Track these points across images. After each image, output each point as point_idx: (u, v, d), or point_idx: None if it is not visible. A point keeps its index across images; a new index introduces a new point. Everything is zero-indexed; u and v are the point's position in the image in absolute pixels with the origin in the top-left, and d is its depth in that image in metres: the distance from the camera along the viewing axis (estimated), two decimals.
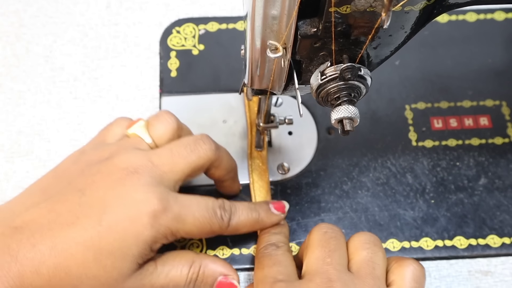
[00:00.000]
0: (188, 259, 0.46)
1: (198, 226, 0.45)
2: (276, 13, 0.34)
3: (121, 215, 0.42)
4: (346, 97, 0.36)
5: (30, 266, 0.40)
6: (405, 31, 0.35)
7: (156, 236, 0.43)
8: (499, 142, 0.57)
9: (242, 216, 0.48)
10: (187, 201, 0.45)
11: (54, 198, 0.43)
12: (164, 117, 0.48)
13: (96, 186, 0.43)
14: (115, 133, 0.49)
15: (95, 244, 0.41)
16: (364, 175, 0.55)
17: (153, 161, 0.45)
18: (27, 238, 0.41)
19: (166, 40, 0.61)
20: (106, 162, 0.45)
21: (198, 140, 0.47)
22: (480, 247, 0.52)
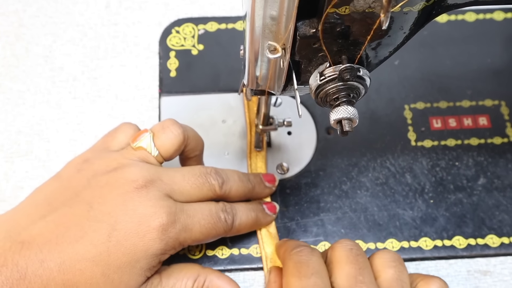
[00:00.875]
0: (193, 272, 0.47)
1: (204, 233, 0.45)
2: (275, 14, 0.34)
3: (130, 230, 0.42)
4: (345, 97, 0.36)
5: (38, 283, 0.40)
6: (404, 32, 0.35)
7: (165, 249, 0.43)
8: (498, 142, 0.57)
9: (243, 217, 0.49)
10: (191, 210, 0.45)
11: (61, 211, 0.43)
12: (171, 128, 0.47)
13: (104, 200, 0.43)
14: (120, 141, 0.48)
15: (103, 260, 0.41)
16: (363, 175, 0.55)
17: (163, 179, 0.45)
18: (35, 254, 0.41)
19: (165, 40, 0.61)
20: (114, 174, 0.44)
21: (207, 175, 0.47)
22: (479, 247, 0.52)
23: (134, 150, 0.46)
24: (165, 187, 0.44)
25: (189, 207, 0.45)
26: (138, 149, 0.46)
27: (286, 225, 0.53)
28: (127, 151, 0.47)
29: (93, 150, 0.48)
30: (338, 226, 0.53)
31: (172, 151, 0.47)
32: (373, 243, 0.52)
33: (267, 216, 0.51)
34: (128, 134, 0.48)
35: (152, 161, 0.46)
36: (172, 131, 0.47)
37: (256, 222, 0.50)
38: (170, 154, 0.47)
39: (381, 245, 0.52)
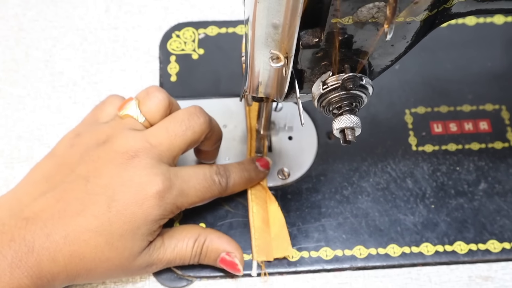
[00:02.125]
0: (194, 233, 0.49)
1: (200, 196, 0.47)
2: (278, 23, 0.34)
3: (128, 199, 0.44)
4: (348, 106, 0.36)
5: (46, 255, 0.42)
6: (406, 41, 0.35)
7: (163, 214, 0.45)
8: (499, 147, 0.57)
9: (236, 178, 0.51)
10: (186, 175, 0.47)
11: (60, 187, 0.45)
12: (155, 94, 0.48)
13: (99, 173, 0.45)
14: (108, 112, 0.50)
15: (106, 229, 0.43)
16: (364, 180, 0.55)
17: (151, 142, 0.46)
18: (40, 228, 0.43)
19: (165, 44, 0.61)
20: (104, 147, 0.46)
21: (192, 115, 0.48)
22: (481, 252, 0.52)
23: (121, 119, 0.48)
24: (154, 151, 0.46)
25: (183, 172, 0.47)
26: (125, 117, 0.48)
27: (288, 230, 0.52)
28: (115, 121, 0.48)
29: (83, 124, 0.50)
30: (339, 232, 0.53)
31: (159, 116, 0.48)
32: (374, 249, 0.52)
33: (260, 173, 0.53)
34: (116, 105, 0.50)
35: (139, 128, 0.47)
36: (157, 95, 0.48)
37: (249, 181, 0.52)
38: (157, 119, 0.48)
39: (383, 251, 0.52)
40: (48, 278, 0.43)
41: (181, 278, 0.51)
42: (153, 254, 0.46)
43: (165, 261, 0.47)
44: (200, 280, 0.51)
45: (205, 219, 0.53)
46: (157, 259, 0.47)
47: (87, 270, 0.44)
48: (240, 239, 0.52)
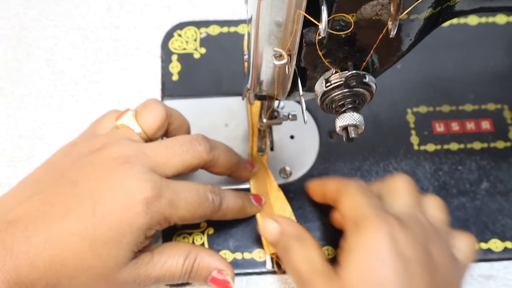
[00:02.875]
0: (184, 250, 0.47)
1: (190, 211, 0.45)
2: (281, 20, 0.34)
3: (115, 204, 0.42)
4: (351, 104, 0.36)
5: (25, 259, 0.40)
6: (410, 39, 0.35)
7: (150, 223, 0.43)
8: (501, 146, 0.57)
9: (230, 202, 0.49)
10: (178, 187, 0.45)
11: (46, 191, 0.44)
12: (152, 106, 0.48)
13: (88, 177, 0.44)
14: (106, 126, 0.49)
15: (90, 234, 0.42)
16: (366, 179, 0.55)
17: (146, 152, 0.45)
18: (21, 231, 0.41)
19: (167, 43, 0.61)
20: (97, 153, 0.45)
21: (193, 141, 0.47)
22: (482, 252, 0.52)
23: (117, 129, 0.48)
24: (148, 161, 0.45)
25: (175, 184, 0.45)
26: (121, 127, 0.48)
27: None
28: (111, 131, 0.48)
29: (81, 136, 0.50)
30: (341, 231, 0.53)
31: (156, 127, 0.48)
32: None
33: (253, 206, 0.52)
34: (114, 118, 0.49)
35: (135, 138, 0.47)
36: (154, 107, 0.48)
37: (242, 210, 0.51)
38: (154, 130, 0.48)
39: None
40: (27, 284, 0.41)
41: None
42: (140, 268, 0.44)
43: (153, 277, 0.45)
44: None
45: None
46: (145, 275, 0.45)
47: (68, 278, 0.42)
48: (242, 238, 0.52)
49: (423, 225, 0.44)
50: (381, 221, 0.42)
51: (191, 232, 0.52)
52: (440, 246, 0.44)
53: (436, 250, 0.43)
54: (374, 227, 0.42)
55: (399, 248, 0.41)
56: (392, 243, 0.41)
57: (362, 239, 0.42)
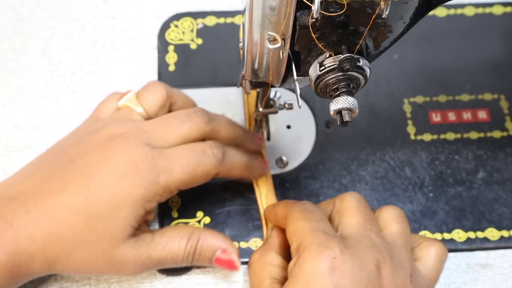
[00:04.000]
0: (186, 231, 0.47)
1: (188, 172, 0.45)
2: (275, 4, 0.34)
3: (108, 178, 0.43)
4: (345, 88, 0.36)
5: (24, 232, 0.42)
6: (404, 22, 0.35)
7: (146, 195, 0.43)
8: (498, 136, 0.57)
9: (235, 156, 0.48)
10: (172, 152, 0.45)
11: (46, 169, 0.45)
12: (154, 86, 0.49)
13: (84, 154, 0.45)
14: (109, 109, 0.50)
15: (84, 208, 0.42)
16: (363, 169, 0.55)
17: (142, 127, 0.46)
18: (21, 205, 0.42)
19: (164, 34, 0.61)
20: (96, 133, 0.46)
21: (190, 113, 0.47)
22: (479, 240, 0.52)
23: (119, 110, 0.48)
24: (143, 135, 0.45)
25: (169, 150, 0.45)
26: (123, 107, 0.48)
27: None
28: (113, 113, 0.48)
29: (84, 122, 0.51)
30: None
31: (157, 107, 0.48)
32: None
33: (258, 167, 0.51)
34: (116, 101, 0.50)
35: (137, 118, 0.47)
36: (155, 87, 0.49)
37: (248, 167, 0.50)
38: (155, 110, 0.48)
39: None
40: (26, 256, 0.42)
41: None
42: (140, 247, 0.44)
43: (154, 259, 0.45)
44: (198, 268, 0.51)
45: (203, 207, 0.53)
46: (146, 256, 0.44)
47: (66, 252, 0.43)
48: (238, 227, 0.52)
49: (375, 247, 0.42)
50: (321, 249, 0.40)
51: (187, 221, 0.52)
52: (394, 268, 0.41)
53: (388, 274, 0.41)
54: (312, 256, 0.40)
55: (337, 279, 0.39)
56: (330, 274, 0.39)
57: (301, 268, 0.41)
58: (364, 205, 0.45)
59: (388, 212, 0.46)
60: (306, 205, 0.45)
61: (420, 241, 0.47)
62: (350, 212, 0.45)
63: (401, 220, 0.46)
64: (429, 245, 0.46)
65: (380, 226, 0.45)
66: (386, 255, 0.42)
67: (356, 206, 0.45)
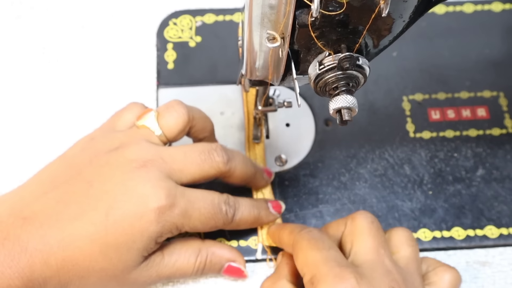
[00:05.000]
0: (194, 248, 0.47)
1: (203, 222, 0.45)
2: (274, 3, 0.33)
3: (128, 210, 0.42)
4: (344, 86, 0.36)
5: (39, 258, 0.41)
6: (403, 20, 0.35)
7: (162, 232, 0.43)
8: (497, 133, 0.57)
9: (245, 212, 0.48)
10: (193, 197, 0.45)
11: (62, 189, 0.44)
12: (175, 108, 0.47)
13: (104, 179, 0.43)
14: (126, 120, 0.48)
15: (101, 238, 0.42)
16: (362, 167, 0.55)
17: (164, 158, 0.45)
18: (36, 229, 0.42)
19: (162, 32, 0.60)
20: (115, 153, 0.45)
21: (212, 151, 0.46)
22: (478, 238, 0.52)
23: (138, 129, 0.47)
24: (165, 167, 0.44)
25: (191, 193, 0.45)
26: (141, 128, 0.47)
27: (285, 216, 0.52)
28: (131, 130, 0.47)
29: (100, 129, 0.49)
30: (337, 218, 0.52)
31: (177, 131, 0.47)
32: None
33: (270, 214, 0.51)
34: (135, 113, 0.48)
35: (155, 141, 0.46)
36: (177, 110, 0.47)
37: (257, 219, 0.50)
38: (175, 134, 0.47)
39: None
40: (40, 281, 0.41)
41: None
42: (151, 269, 0.45)
43: (164, 276, 0.46)
44: None
45: None
46: (156, 275, 0.45)
47: (79, 277, 0.43)
48: None
49: (390, 274, 0.41)
50: (337, 281, 0.40)
51: None
52: None
53: None
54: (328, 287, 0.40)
55: None
56: None
57: None
58: (376, 227, 0.45)
59: (400, 235, 0.46)
60: (313, 232, 0.45)
61: (435, 266, 0.46)
62: (363, 235, 0.44)
63: (413, 243, 0.46)
64: (444, 270, 0.45)
65: (392, 249, 0.45)
66: (401, 281, 0.41)
67: (368, 229, 0.44)
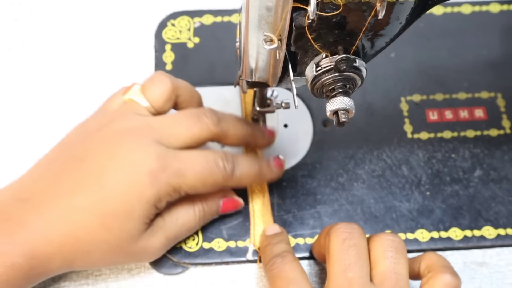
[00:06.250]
0: (188, 202, 0.48)
1: (200, 179, 0.45)
2: (271, 5, 0.34)
3: (121, 178, 0.43)
4: (341, 88, 0.36)
5: (40, 234, 0.42)
6: (400, 22, 0.35)
7: (159, 194, 0.43)
8: (494, 134, 0.57)
9: (245, 167, 0.48)
10: (185, 156, 0.45)
11: (57, 169, 0.45)
12: (158, 78, 0.48)
13: (95, 153, 0.44)
14: (117, 102, 0.49)
15: (99, 209, 0.42)
16: (360, 168, 0.55)
17: (152, 125, 0.45)
18: (35, 208, 0.42)
19: (161, 33, 0.60)
20: (105, 128, 0.45)
21: (200, 114, 0.47)
22: (476, 239, 0.52)
23: (125, 104, 0.47)
24: (154, 133, 0.45)
25: (182, 153, 0.45)
26: (129, 101, 0.47)
27: (283, 217, 0.53)
28: (119, 107, 0.48)
29: (93, 114, 0.50)
30: (334, 219, 0.53)
31: (163, 100, 0.47)
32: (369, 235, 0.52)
33: (272, 171, 0.51)
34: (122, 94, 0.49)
35: (143, 113, 0.47)
36: (160, 80, 0.48)
37: (259, 175, 0.50)
38: (161, 103, 0.47)
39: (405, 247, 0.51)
40: (43, 258, 0.42)
41: (177, 265, 0.51)
42: (156, 234, 0.45)
43: (172, 237, 0.47)
44: (195, 267, 0.51)
45: None
46: (164, 238, 0.46)
47: (84, 252, 0.43)
48: (236, 226, 0.52)
49: None
50: None
51: None
52: None
53: None
54: None
55: None
56: None
57: None
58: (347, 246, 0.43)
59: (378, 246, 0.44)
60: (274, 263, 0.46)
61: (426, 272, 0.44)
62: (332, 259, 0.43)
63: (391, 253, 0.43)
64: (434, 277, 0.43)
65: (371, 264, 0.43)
66: None
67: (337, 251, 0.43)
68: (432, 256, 0.45)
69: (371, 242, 0.44)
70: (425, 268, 0.44)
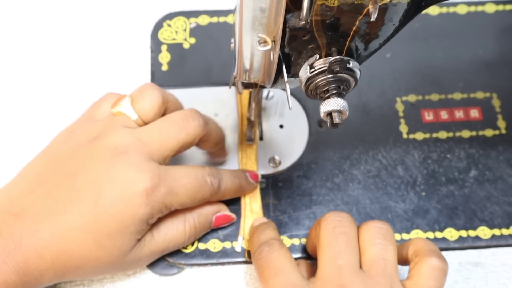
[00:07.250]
0: (179, 217, 0.48)
1: (190, 196, 0.46)
2: (265, 6, 0.34)
3: (115, 197, 0.43)
4: (335, 90, 0.36)
5: (33, 252, 0.42)
6: (393, 24, 0.35)
7: (152, 213, 0.44)
8: (490, 134, 0.57)
9: (228, 182, 0.49)
10: (177, 174, 0.45)
11: (49, 184, 0.44)
12: (149, 91, 0.48)
13: (87, 170, 0.44)
14: (103, 110, 0.49)
15: (93, 227, 0.43)
16: (355, 168, 0.55)
17: (142, 140, 0.45)
18: (28, 224, 0.42)
19: (157, 33, 0.61)
20: (95, 142, 0.45)
21: (186, 117, 0.47)
22: (471, 239, 0.53)
23: (114, 116, 0.47)
24: (145, 149, 0.45)
25: (174, 171, 0.45)
26: (117, 114, 0.47)
27: (278, 218, 0.53)
28: (108, 118, 0.48)
29: (78, 121, 0.50)
30: None
31: (152, 114, 0.48)
32: None
33: (250, 183, 0.52)
34: (111, 102, 0.49)
35: (132, 125, 0.47)
36: (150, 94, 0.48)
37: (240, 188, 0.51)
38: (151, 117, 0.48)
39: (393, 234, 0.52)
40: (36, 275, 0.42)
41: (172, 265, 0.51)
42: (143, 249, 0.46)
43: (158, 252, 0.47)
44: (191, 268, 0.51)
45: None
46: (150, 253, 0.46)
47: (75, 267, 0.43)
48: (231, 227, 0.52)
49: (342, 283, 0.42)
50: None
51: None
52: None
53: None
54: None
55: None
56: None
57: None
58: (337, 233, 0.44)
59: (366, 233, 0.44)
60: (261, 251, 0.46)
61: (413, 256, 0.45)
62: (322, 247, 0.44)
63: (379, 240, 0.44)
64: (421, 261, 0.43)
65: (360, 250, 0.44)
66: None
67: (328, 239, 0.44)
68: (419, 241, 0.45)
69: (360, 230, 0.45)
70: (413, 253, 0.45)
